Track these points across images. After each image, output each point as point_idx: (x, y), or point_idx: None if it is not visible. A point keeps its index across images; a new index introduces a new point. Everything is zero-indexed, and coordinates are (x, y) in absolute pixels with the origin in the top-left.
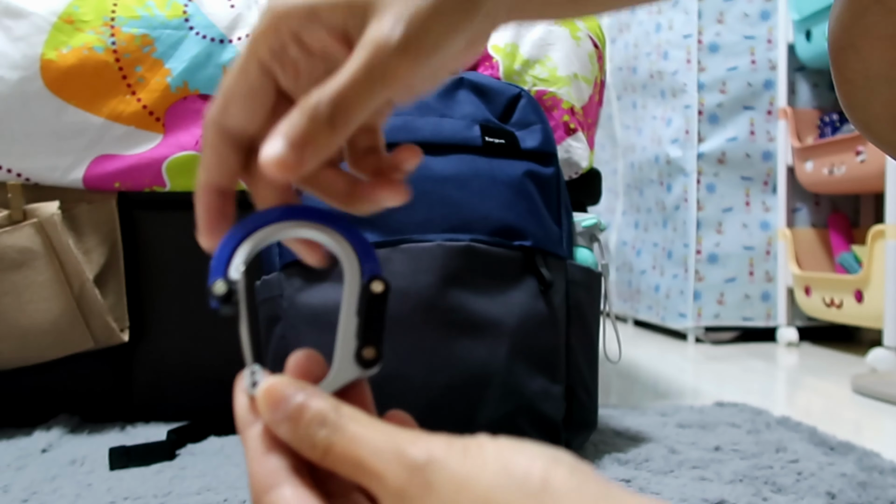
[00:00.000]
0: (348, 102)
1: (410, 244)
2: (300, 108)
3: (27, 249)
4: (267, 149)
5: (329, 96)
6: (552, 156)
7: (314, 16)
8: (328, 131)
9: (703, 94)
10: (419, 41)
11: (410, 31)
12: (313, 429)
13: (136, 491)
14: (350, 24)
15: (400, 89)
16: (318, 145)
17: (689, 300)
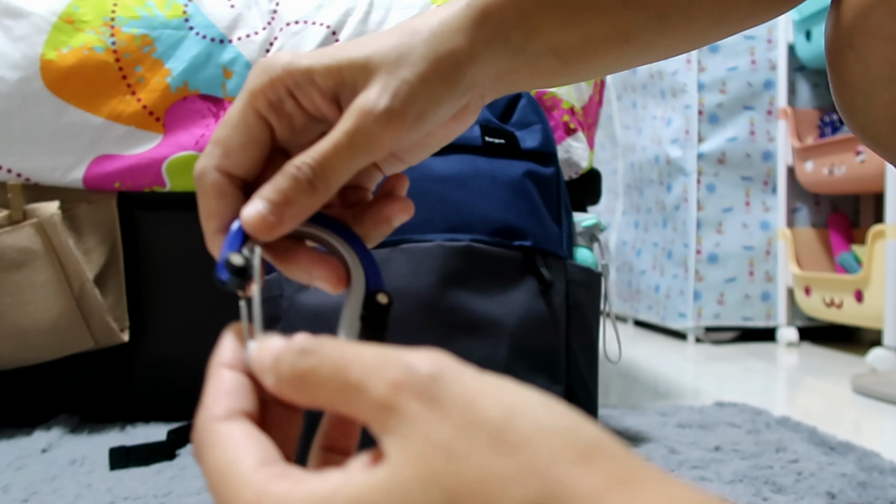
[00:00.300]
0: (329, 167)
1: (410, 244)
2: (283, 171)
3: (27, 249)
4: (248, 209)
5: (311, 161)
6: (552, 156)
7: (309, 78)
8: (309, 193)
9: (703, 94)
10: (403, 110)
11: (395, 100)
12: (292, 357)
13: (136, 491)
14: (340, 89)
15: (382, 155)
16: (299, 206)
17: (689, 300)
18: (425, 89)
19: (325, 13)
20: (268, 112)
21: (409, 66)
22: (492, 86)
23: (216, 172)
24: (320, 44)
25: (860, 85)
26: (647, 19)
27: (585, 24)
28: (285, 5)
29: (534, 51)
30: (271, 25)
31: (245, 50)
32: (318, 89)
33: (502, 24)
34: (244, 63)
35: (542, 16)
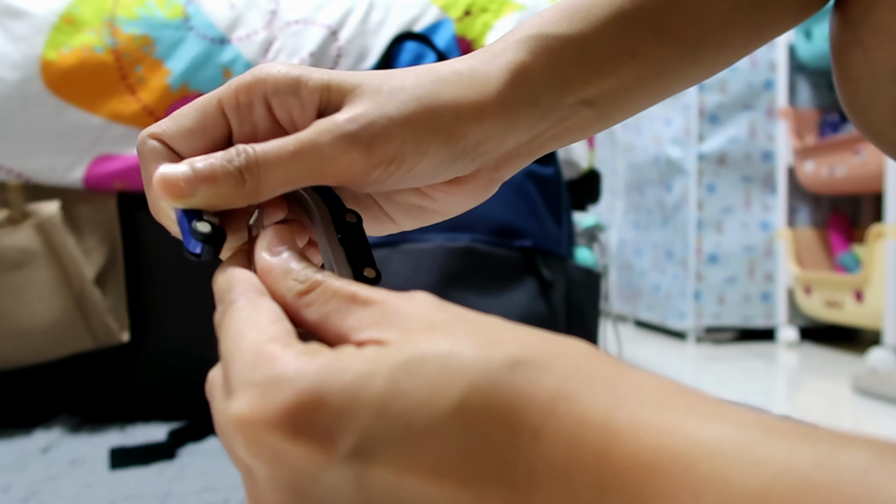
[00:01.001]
0: (266, 166)
1: (410, 244)
2: (225, 150)
3: (27, 249)
4: (168, 167)
5: (251, 151)
6: (552, 156)
7: (294, 89)
8: (234, 184)
9: (703, 94)
10: (371, 144)
11: (365, 131)
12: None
13: (136, 491)
14: (324, 106)
15: (331, 181)
16: (217, 191)
17: (689, 300)
18: (408, 132)
19: (325, 13)
20: (231, 111)
21: (398, 103)
22: (512, 157)
23: (153, 140)
24: (320, 44)
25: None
26: (682, 52)
27: (619, 68)
28: (285, 5)
29: (564, 105)
30: (271, 25)
31: (245, 50)
32: (299, 102)
33: (530, 81)
34: (244, 63)
35: (574, 66)
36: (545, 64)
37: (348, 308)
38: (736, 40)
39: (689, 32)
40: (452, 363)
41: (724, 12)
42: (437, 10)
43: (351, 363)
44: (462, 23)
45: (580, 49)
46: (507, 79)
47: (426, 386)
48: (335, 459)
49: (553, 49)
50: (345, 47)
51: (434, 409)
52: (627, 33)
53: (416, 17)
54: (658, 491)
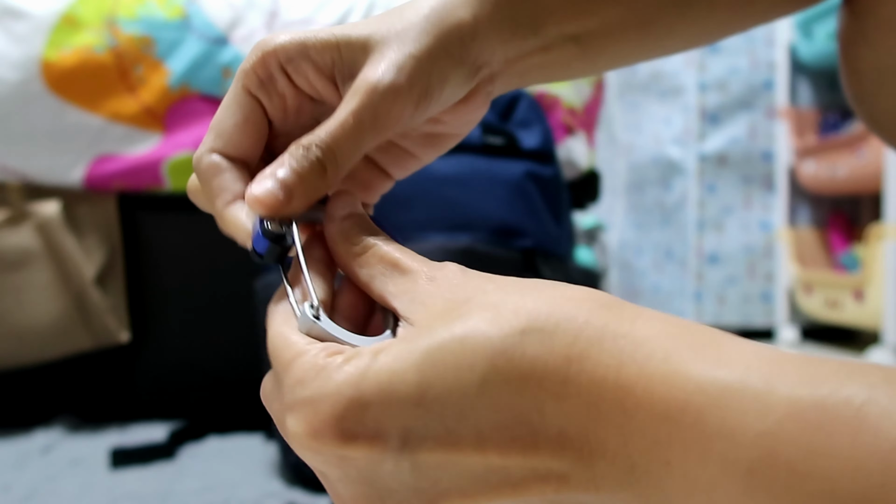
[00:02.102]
0: (338, 147)
1: (410, 244)
2: (289, 151)
3: (27, 249)
4: (256, 185)
5: (318, 141)
6: (552, 156)
7: (303, 52)
8: (319, 174)
9: (703, 94)
10: (410, 85)
11: (401, 75)
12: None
13: (136, 491)
14: (339, 64)
15: (389, 134)
16: (308, 186)
17: (689, 300)
18: (430, 64)
19: (325, 13)
20: (258, 90)
21: (413, 41)
22: (502, 71)
23: (210, 154)
24: None
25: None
26: (667, 6)
27: (601, 8)
28: (285, 5)
29: (547, 35)
30: (271, 25)
31: (245, 50)
32: (312, 65)
33: (507, 5)
34: None
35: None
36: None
37: (391, 273)
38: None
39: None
40: (469, 345)
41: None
42: None
43: (382, 365)
44: None
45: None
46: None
47: (451, 373)
48: (389, 453)
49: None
50: None
51: (462, 391)
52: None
53: None
54: (673, 441)
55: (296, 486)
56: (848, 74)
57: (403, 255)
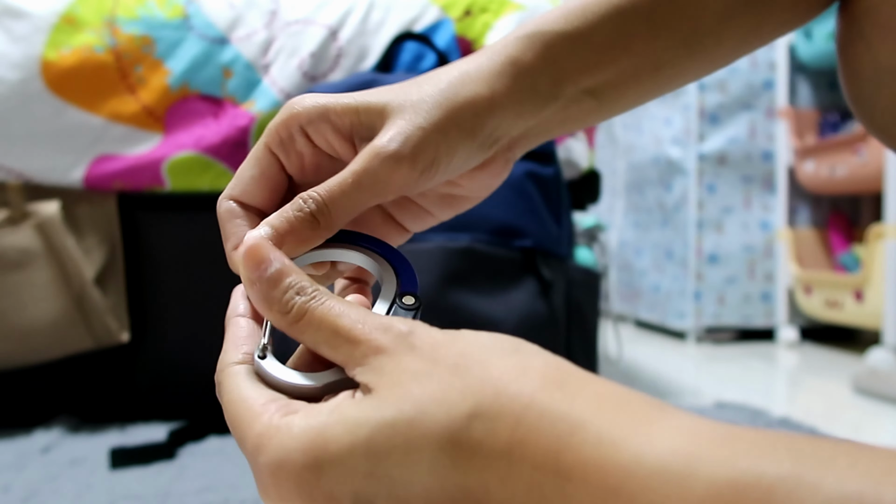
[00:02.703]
0: (333, 203)
1: (410, 244)
2: (292, 202)
3: (27, 249)
4: (252, 232)
5: (317, 195)
6: (552, 156)
7: (324, 115)
8: (311, 226)
9: (703, 94)
10: (414, 156)
11: (406, 145)
12: (290, 294)
13: (136, 491)
14: (357, 127)
15: (390, 197)
16: (300, 237)
17: (689, 300)
18: (439, 136)
19: (325, 13)
20: (277, 148)
21: (424, 113)
22: (522, 137)
23: (228, 201)
24: (320, 44)
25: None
26: (676, 46)
27: (615, 61)
28: (285, 5)
29: (566, 95)
30: (271, 25)
31: (245, 50)
32: (332, 126)
33: (529, 75)
34: (244, 63)
35: (569, 59)
36: (542, 58)
37: (335, 342)
38: (733, 36)
39: (684, 27)
40: (418, 428)
41: (719, 9)
42: (437, 10)
43: (334, 435)
44: (462, 23)
45: (575, 44)
46: (509, 72)
47: (400, 452)
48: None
49: (549, 44)
50: (345, 47)
51: (411, 470)
52: (622, 28)
53: (416, 17)
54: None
55: None
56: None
57: (345, 318)
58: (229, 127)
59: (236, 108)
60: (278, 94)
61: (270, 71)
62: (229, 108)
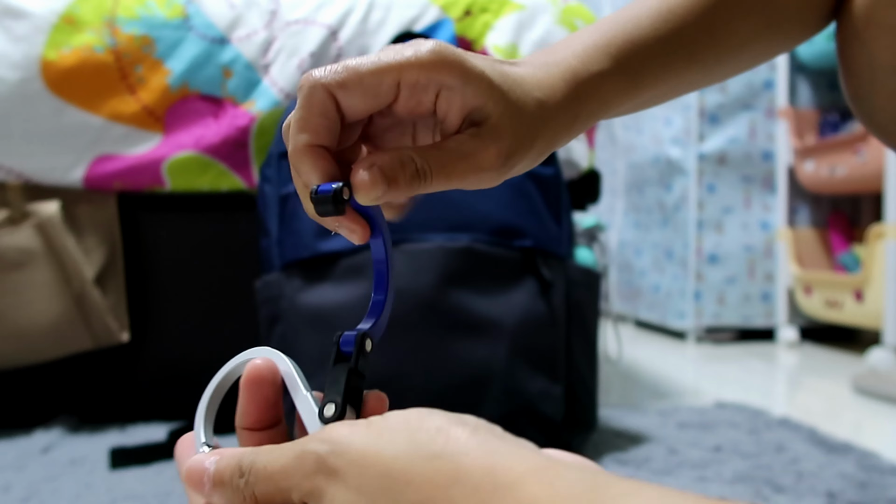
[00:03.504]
0: (435, 176)
1: (410, 244)
2: (398, 156)
3: (27, 249)
4: (363, 174)
5: (426, 166)
6: (552, 156)
7: (461, 90)
8: (410, 188)
9: (703, 94)
10: (504, 171)
11: (504, 164)
12: (236, 482)
13: (136, 491)
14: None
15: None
16: (398, 193)
17: (689, 300)
18: (518, 157)
19: (325, 13)
20: (407, 87)
21: (532, 149)
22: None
23: (325, 92)
24: (320, 44)
25: (866, 74)
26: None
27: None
28: (285, 5)
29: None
30: (271, 25)
31: (245, 50)
32: (462, 100)
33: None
34: (244, 63)
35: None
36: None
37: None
38: (749, 58)
39: (711, 54)
40: None
41: (744, 34)
42: (437, 10)
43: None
44: (462, 23)
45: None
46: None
47: None
48: None
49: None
50: (345, 47)
51: None
52: (665, 63)
53: (416, 17)
54: None
55: None
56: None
57: (286, 475)
58: (229, 127)
59: (236, 108)
60: (278, 95)
61: (270, 71)
62: (229, 108)
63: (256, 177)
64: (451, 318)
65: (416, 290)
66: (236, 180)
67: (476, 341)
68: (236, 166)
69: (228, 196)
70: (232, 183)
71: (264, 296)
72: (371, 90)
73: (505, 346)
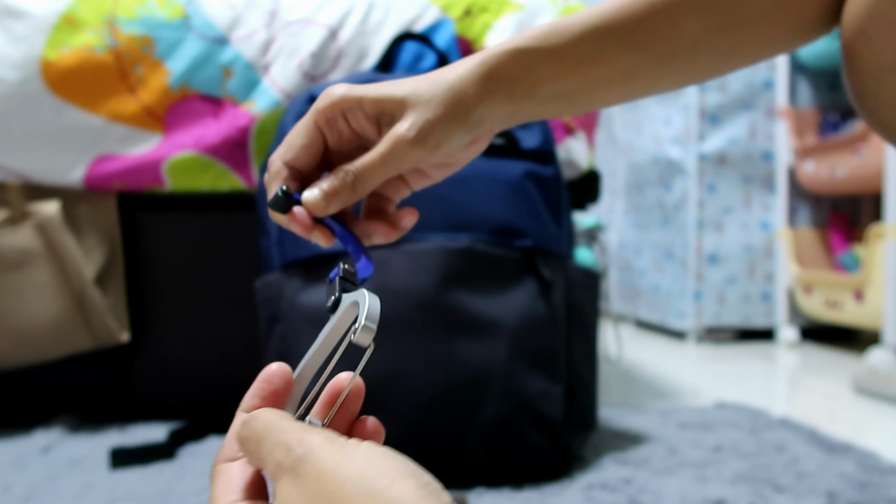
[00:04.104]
0: (367, 175)
1: (410, 244)
2: (335, 173)
3: (27, 249)
4: (307, 193)
5: (354, 169)
6: (552, 156)
7: (359, 104)
8: (350, 192)
9: (703, 94)
10: (425, 140)
11: (420, 133)
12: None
13: (136, 491)
14: (382, 116)
15: (406, 170)
16: (341, 199)
17: (689, 300)
18: (441, 126)
19: (325, 13)
20: (324, 126)
21: (432, 109)
22: (501, 122)
23: (280, 162)
24: (320, 44)
25: (871, 71)
26: (649, 63)
27: (587, 72)
28: (285, 5)
29: (539, 96)
30: (271, 25)
31: (245, 50)
32: (364, 113)
33: (506, 80)
34: (244, 63)
35: (545, 69)
36: (519, 68)
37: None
38: (709, 55)
39: (658, 46)
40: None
41: (694, 31)
42: (437, 10)
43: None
44: (462, 23)
45: (550, 58)
46: (492, 78)
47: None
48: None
49: (526, 58)
50: (345, 47)
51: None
52: (597, 46)
53: (416, 17)
54: None
55: None
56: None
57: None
58: (229, 127)
59: (236, 108)
60: (278, 94)
61: (270, 71)
62: (229, 108)
63: (256, 177)
64: (451, 318)
65: (417, 290)
66: (236, 180)
67: (476, 341)
68: (236, 166)
69: (228, 196)
70: (232, 183)
71: (264, 296)
72: (305, 144)
73: (505, 346)
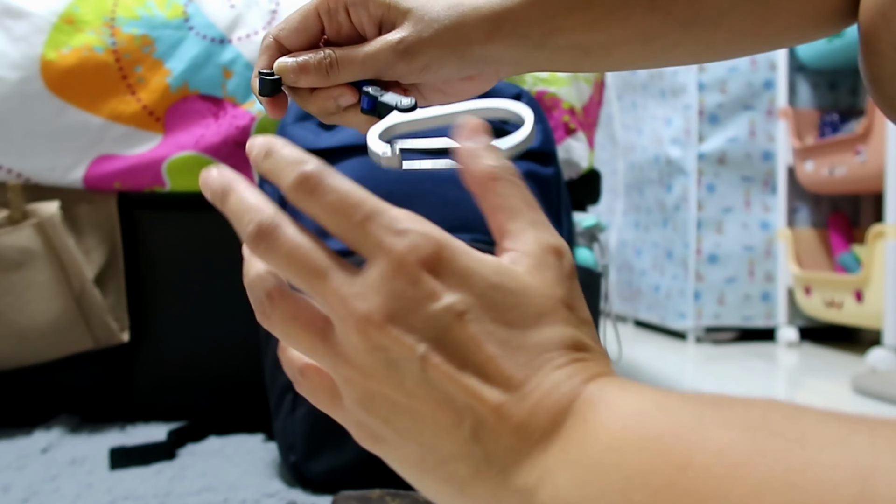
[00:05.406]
0: (343, 66)
1: None
2: (318, 50)
3: (27, 249)
4: (282, 59)
5: (335, 55)
6: (552, 156)
7: (365, 2)
8: (322, 73)
9: (703, 94)
10: (412, 56)
11: (409, 47)
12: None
13: (136, 491)
14: (384, 19)
15: (386, 77)
16: (311, 77)
17: (689, 300)
18: (434, 50)
19: None
20: (324, 15)
21: (432, 30)
22: (509, 67)
23: (271, 37)
24: None
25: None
26: (671, 26)
27: (608, 27)
28: (285, 5)
29: (553, 45)
30: (271, 25)
31: (245, 50)
32: (367, 12)
33: (522, 24)
34: (244, 63)
35: (565, 17)
36: (537, 13)
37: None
38: (731, 27)
39: (683, 10)
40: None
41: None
42: None
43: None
44: None
45: (571, 7)
46: (505, 19)
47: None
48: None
49: (546, 3)
50: None
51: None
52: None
53: None
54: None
55: (296, 487)
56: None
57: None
58: (230, 127)
59: (236, 108)
60: None
61: None
62: (229, 108)
63: (256, 177)
64: None
65: None
66: None
67: None
68: (237, 166)
69: None
70: None
71: None
72: (300, 28)
73: None
